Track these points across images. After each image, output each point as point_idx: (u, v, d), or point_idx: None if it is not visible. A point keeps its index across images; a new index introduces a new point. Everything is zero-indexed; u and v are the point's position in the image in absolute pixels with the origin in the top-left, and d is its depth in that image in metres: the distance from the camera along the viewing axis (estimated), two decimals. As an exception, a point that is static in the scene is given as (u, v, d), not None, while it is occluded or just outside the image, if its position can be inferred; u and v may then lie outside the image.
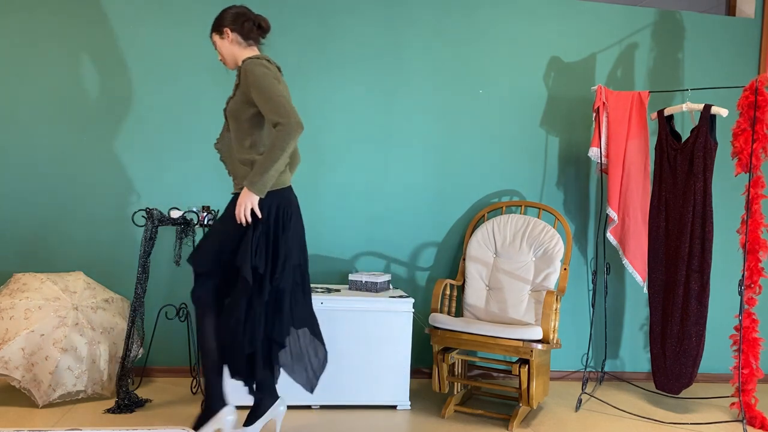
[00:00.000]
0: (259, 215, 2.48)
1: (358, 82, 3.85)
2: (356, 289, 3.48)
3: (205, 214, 3.20)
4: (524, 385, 3.10)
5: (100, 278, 3.62)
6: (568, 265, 3.48)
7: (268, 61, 2.54)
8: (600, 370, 3.99)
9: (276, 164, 2.41)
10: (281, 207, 2.54)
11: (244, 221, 2.46)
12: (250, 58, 2.52)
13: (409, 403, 3.34)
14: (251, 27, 2.60)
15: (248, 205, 2.44)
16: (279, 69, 2.61)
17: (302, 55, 3.79)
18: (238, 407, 3.17)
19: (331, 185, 3.83)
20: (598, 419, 3.32)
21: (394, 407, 3.32)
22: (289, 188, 2.61)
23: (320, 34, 3.81)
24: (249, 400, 3.17)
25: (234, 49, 2.62)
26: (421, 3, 3.90)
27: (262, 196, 2.46)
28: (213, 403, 2.60)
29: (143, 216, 3.11)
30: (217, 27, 2.62)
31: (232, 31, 2.60)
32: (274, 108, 2.40)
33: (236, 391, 3.16)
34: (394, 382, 3.30)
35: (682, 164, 3.53)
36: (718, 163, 3.89)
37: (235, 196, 2.59)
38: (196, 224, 3.13)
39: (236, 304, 2.49)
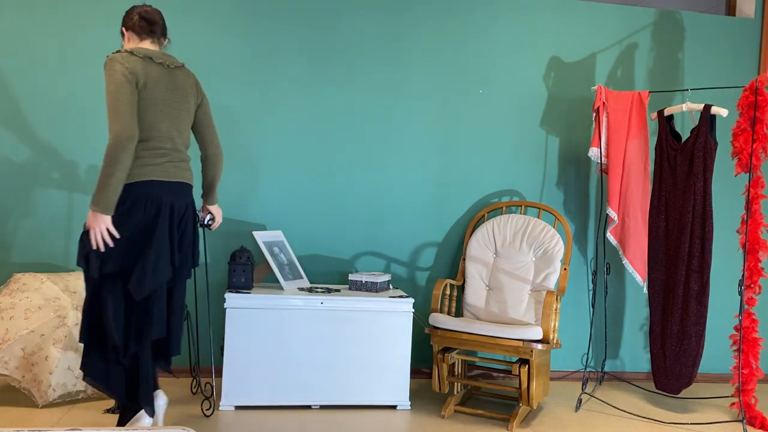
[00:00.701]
0: (117, 235, 2.42)
1: (358, 82, 3.85)
2: (356, 289, 3.48)
3: (206, 213, 3.19)
4: (524, 385, 3.10)
5: (100, 278, 3.61)
6: (568, 265, 3.48)
7: (131, 53, 2.47)
8: (600, 370, 3.99)
9: (114, 178, 2.34)
10: (126, 202, 2.45)
11: (101, 246, 2.39)
12: (115, 51, 2.49)
13: (409, 403, 3.34)
14: (138, 20, 2.57)
15: (99, 229, 2.37)
16: (153, 59, 2.50)
17: (303, 56, 3.79)
18: (238, 407, 3.18)
19: (331, 185, 3.83)
20: (598, 419, 3.32)
21: (394, 407, 3.32)
22: (132, 185, 2.46)
23: (321, 35, 3.81)
24: (250, 400, 3.18)
25: (131, 46, 2.58)
26: (422, 3, 3.90)
27: (111, 214, 2.38)
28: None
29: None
30: (120, 30, 2.64)
31: (126, 29, 2.60)
32: (108, 116, 2.38)
33: (236, 391, 3.16)
34: (394, 382, 3.30)
35: (682, 164, 3.53)
36: (718, 163, 3.89)
37: None
38: (196, 224, 3.13)
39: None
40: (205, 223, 3.06)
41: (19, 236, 3.56)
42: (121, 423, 2.57)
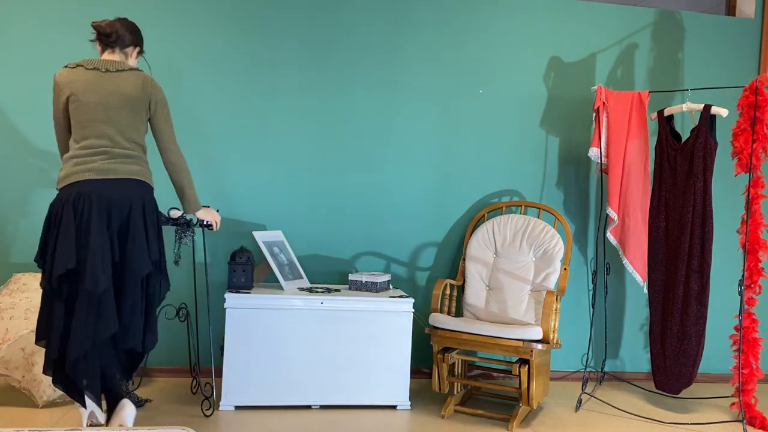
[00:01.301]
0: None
1: (358, 82, 3.85)
2: (356, 289, 3.48)
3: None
4: (524, 385, 3.10)
5: (100, 278, 3.61)
6: (568, 265, 3.48)
7: (66, 66, 2.67)
8: (600, 370, 3.99)
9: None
10: (54, 205, 2.60)
11: None
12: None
13: (409, 403, 3.34)
14: (96, 34, 2.72)
15: None
16: (85, 66, 2.65)
17: (303, 56, 3.79)
18: (238, 407, 3.18)
19: (331, 185, 3.83)
20: (598, 419, 3.32)
21: (394, 407, 3.32)
22: (69, 186, 2.58)
23: (321, 35, 3.81)
24: (250, 400, 3.18)
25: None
26: (422, 3, 3.90)
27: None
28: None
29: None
30: None
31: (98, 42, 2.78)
32: None
33: (236, 391, 3.16)
34: (394, 382, 3.30)
35: (682, 164, 3.53)
36: (718, 163, 3.89)
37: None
38: (196, 224, 3.13)
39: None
40: (206, 223, 3.06)
41: (19, 236, 3.56)
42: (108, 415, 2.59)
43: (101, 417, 2.64)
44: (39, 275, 3.28)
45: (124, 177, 2.61)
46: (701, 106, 3.47)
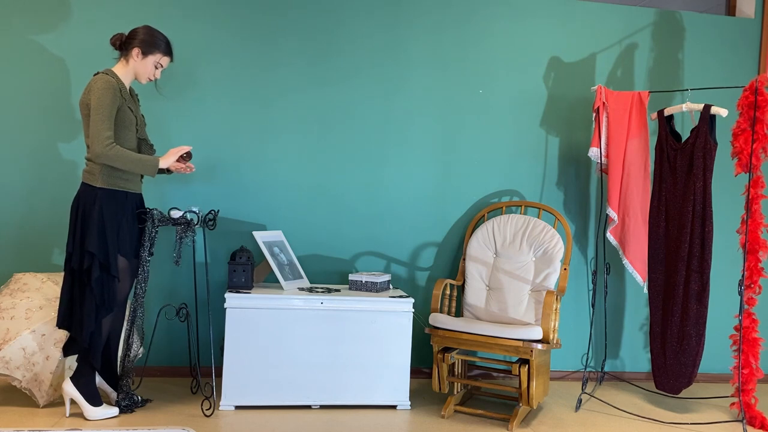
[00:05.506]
0: None
1: (358, 82, 3.85)
2: (356, 289, 3.49)
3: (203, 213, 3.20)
4: (524, 385, 3.10)
5: (100, 278, 3.61)
6: (568, 265, 3.48)
7: None
8: (600, 370, 3.99)
9: None
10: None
11: None
12: None
13: (409, 403, 3.34)
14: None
15: None
16: None
17: (302, 55, 3.79)
18: (238, 407, 3.18)
19: (331, 185, 3.84)
20: (598, 419, 3.32)
21: (394, 407, 3.33)
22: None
23: (321, 34, 3.81)
24: (250, 400, 3.18)
25: None
26: (422, 3, 3.90)
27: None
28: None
29: (144, 216, 3.11)
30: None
31: None
32: None
33: (236, 391, 3.16)
34: (394, 382, 3.30)
35: (682, 164, 3.53)
36: (718, 163, 3.89)
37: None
38: (197, 224, 3.14)
39: None
40: (206, 220, 3.07)
41: (20, 236, 3.56)
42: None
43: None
44: (39, 275, 3.28)
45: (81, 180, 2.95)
46: (701, 106, 3.47)
